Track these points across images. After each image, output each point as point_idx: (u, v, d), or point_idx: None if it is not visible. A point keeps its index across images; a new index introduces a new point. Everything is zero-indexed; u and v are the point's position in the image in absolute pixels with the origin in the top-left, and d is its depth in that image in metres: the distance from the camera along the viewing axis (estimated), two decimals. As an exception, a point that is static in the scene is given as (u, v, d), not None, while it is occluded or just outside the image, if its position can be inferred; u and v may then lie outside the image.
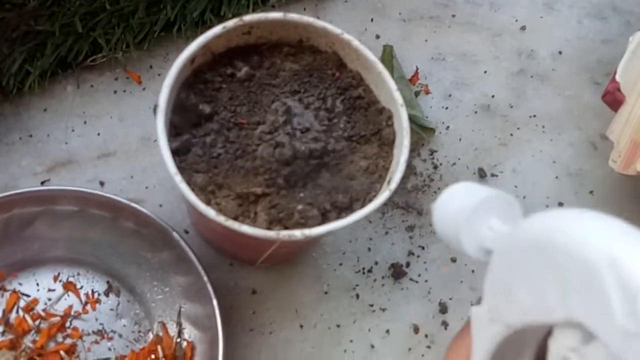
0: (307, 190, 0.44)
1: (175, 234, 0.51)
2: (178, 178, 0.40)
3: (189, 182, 0.42)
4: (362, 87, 0.46)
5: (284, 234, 0.41)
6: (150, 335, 0.52)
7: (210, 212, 0.40)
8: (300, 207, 0.43)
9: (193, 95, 0.45)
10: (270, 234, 0.41)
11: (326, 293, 0.56)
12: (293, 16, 0.45)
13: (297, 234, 0.41)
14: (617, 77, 0.56)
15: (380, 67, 0.45)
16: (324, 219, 0.43)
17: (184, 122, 0.44)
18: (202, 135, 0.44)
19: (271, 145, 0.44)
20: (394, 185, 0.43)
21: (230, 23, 0.44)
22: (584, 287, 0.21)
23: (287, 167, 0.43)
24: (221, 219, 0.40)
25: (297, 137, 0.44)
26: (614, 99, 0.57)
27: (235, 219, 0.42)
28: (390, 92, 0.45)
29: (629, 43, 0.57)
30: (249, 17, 0.45)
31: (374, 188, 0.45)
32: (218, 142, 0.44)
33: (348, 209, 0.44)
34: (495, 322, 0.26)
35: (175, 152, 0.43)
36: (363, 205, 0.43)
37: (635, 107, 0.55)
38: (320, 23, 0.45)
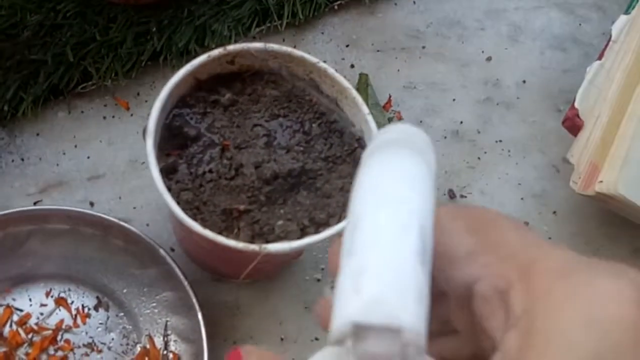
0: (287, 207, 0.47)
1: (162, 251, 0.54)
2: (166, 195, 0.44)
3: (176, 199, 0.45)
4: (337, 111, 0.50)
5: (265, 247, 0.44)
6: (138, 348, 0.55)
7: (196, 227, 0.43)
8: (280, 222, 0.46)
9: (180, 119, 0.48)
10: (253, 246, 0.44)
11: (306, 307, 0.59)
12: (273, 46, 0.49)
13: (278, 247, 0.44)
14: (576, 104, 0.60)
15: (354, 92, 0.49)
16: (303, 233, 0.46)
17: (172, 144, 0.48)
18: (189, 156, 0.47)
19: (253, 165, 0.47)
20: (367, 202, 0.46)
21: (215, 52, 0.48)
22: None
23: (268, 186, 0.47)
24: (207, 232, 0.43)
25: (277, 158, 0.48)
26: (573, 125, 0.61)
27: (220, 233, 0.45)
28: (363, 116, 0.48)
29: (586, 73, 0.61)
30: (232, 47, 0.48)
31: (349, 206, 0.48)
32: (203, 162, 0.47)
33: (325, 224, 0.47)
34: None
35: (163, 172, 0.46)
36: (339, 221, 0.46)
37: (593, 132, 0.59)
38: (298, 53, 0.49)
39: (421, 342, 0.21)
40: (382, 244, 0.23)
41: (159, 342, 0.55)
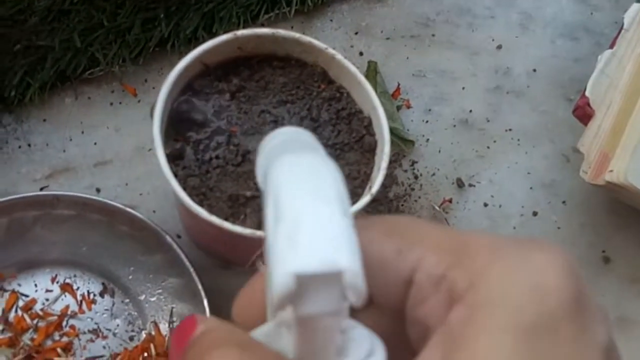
0: (293, 194, 0.47)
1: (168, 238, 0.54)
2: (172, 181, 0.43)
3: (183, 185, 0.45)
4: (345, 98, 0.50)
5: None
6: (144, 334, 0.55)
7: (203, 213, 0.43)
8: (287, 209, 0.46)
9: (187, 104, 0.48)
10: (259, 233, 0.44)
11: (311, 296, 0.58)
12: (281, 32, 0.49)
13: (284, 233, 0.44)
14: (587, 93, 0.60)
15: (362, 79, 0.48)
16: (310, 220, 0.46)
17: (178, 129, 0.47)
18: (196, 142, 0.47)
19: (260, 151, 0.47)
20: (375, 189, 0.46)
21: (224, 38, 0.47)
22: None
23: (275, 172, 0.46)
24: (213, 218, 0.43)
25: (285, 144, 0.47)
26: (584, 113, 0.60)
27: (226, 219, 0.45)
28: (371, 103, 0.48)
29: (597, 61, 0.61)
30: (241, 33, 0.48)
31: (356, 193, 0.48)
32: (210, 148, 0.47)
33: (332, 211, 0.47)
34: None
35: (169, 158, 0.45)
36: (346, 208, 0.46)
37: (604, 121, 0.59)
38: (306, 38, 0.49)
39: (360, 285, 0.21)
40: (305, 203, 0.23)
41: (164, 328, 0.55)
